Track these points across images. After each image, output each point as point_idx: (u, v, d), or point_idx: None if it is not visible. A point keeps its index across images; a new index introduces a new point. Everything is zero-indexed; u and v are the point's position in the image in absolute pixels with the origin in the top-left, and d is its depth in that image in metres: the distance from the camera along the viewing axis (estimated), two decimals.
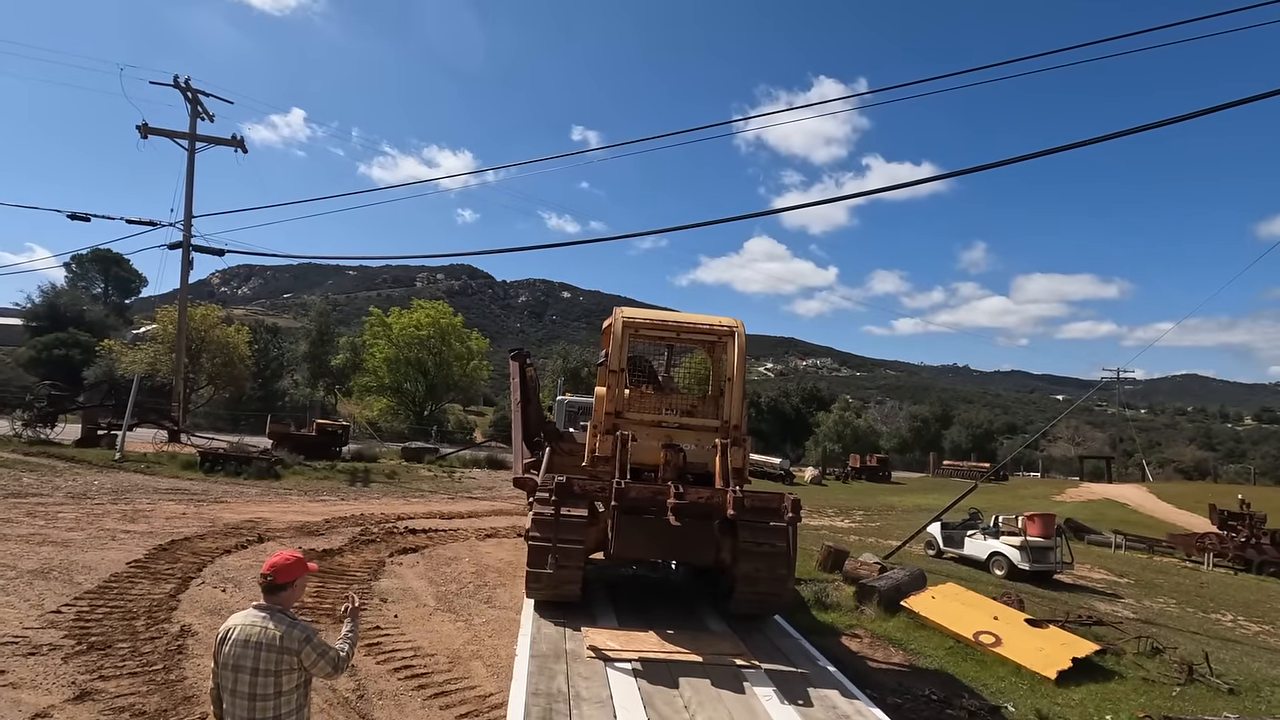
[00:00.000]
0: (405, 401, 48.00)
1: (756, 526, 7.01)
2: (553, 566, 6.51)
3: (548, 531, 6.64)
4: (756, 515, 6.96)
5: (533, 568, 6.76)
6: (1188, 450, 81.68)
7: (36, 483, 13.82)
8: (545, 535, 6.66)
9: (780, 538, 7.02)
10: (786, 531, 7.01)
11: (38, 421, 20.61)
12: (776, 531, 7.03)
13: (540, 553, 6.66)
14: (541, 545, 6.67)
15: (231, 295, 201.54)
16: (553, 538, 6.57)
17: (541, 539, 6.70)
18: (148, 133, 25.76)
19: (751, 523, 6.99)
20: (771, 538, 7.01)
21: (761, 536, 7.00)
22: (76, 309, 51.76)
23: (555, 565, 6.51)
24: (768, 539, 7.01)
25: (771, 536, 7.02)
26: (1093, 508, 33.10)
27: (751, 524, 6.99)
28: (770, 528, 7.04)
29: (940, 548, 16.85)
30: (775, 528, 7.03)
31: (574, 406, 20.40)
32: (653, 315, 8.47)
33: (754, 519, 6.98)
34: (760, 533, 7.01)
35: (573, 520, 6.85)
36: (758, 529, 7.02)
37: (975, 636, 8.96)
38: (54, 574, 7.67)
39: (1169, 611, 13.28)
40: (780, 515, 6.95)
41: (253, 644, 3.20)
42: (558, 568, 6.55)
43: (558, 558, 6.54)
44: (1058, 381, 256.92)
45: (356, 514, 13.75)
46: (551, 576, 6.65)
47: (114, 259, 64.17)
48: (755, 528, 7.01)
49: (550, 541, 6.57)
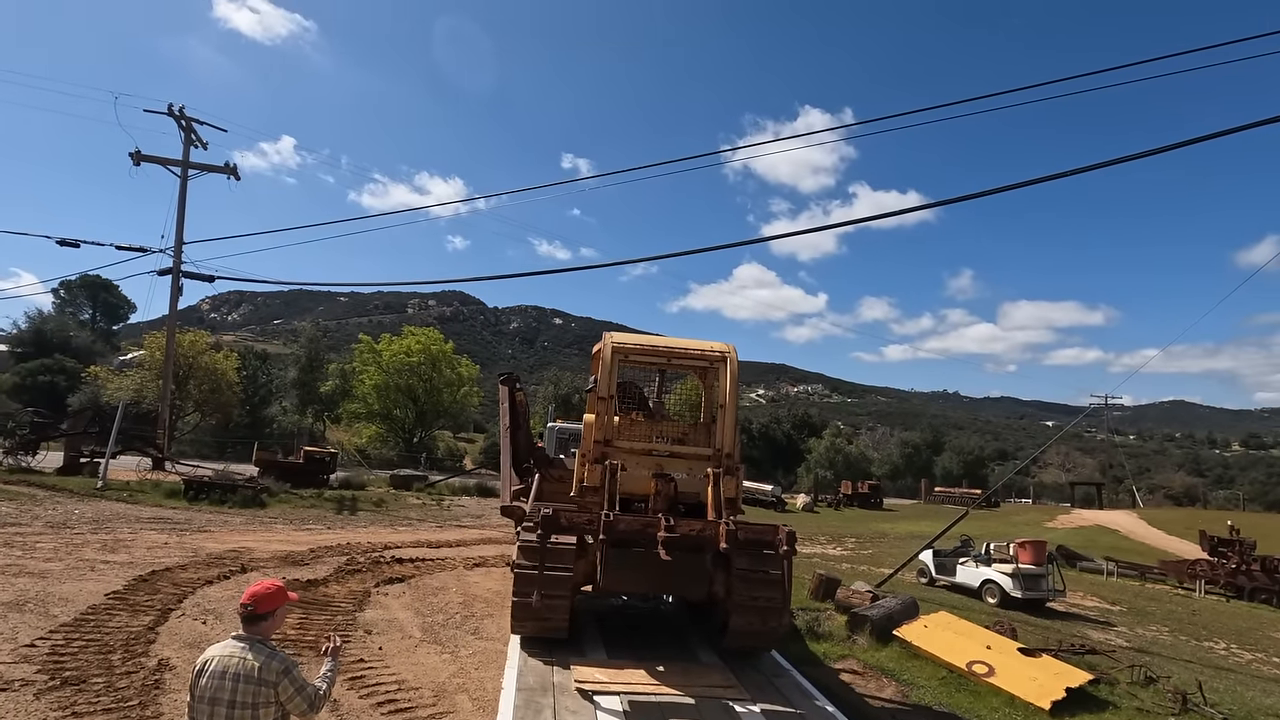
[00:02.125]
0: (395, 428, 47.71)
1: (750, 559, 6.85)
2: (538, 599, 6.33)
3: (534, 559, 6.46)
4: (750, 548, 6.77)
5: (518, 597, 6.57)
6: (1177, 476, 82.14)
7: (15, 512, 13.55)
8: (532, 563, 6.48)
9: (775, 570, 6.83)
10: (781, 564, 6.80)
11: (19, 449, 20.31)
12: (771, 564, 6.85)
13: (526, 582, 6.47)
14: (527, 574, 6.49)
15: (222, 321, 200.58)
16: (539, 566, 6.39)
17: (528, 567, 6.52)
18: (140, 160, 25.85)
19: (745, 555, 6.81)
20: (766, 565, 6.85)
21: (756, 569, 6.84)
22: (63, 335, 51.41)
23: (541, 596, 6.34)
24: (762, 572, 6.84)
25: (766, 564, 6.86)
26: (1084, 534, 33.08)
27: (745, 557, 6.82)
28: (765, 560, 6.87)
29: (933, 575, 16.75)
30: (770, 560, 6.86)
31: (565, 433, 20.33)
32: (643, 340, 8.40)
33: (748, 552, 6.79)
34: (754, 566, 6.85)
35: (560, 549, 6.67)
36: (752, 561, 6.85)
37: (968, 666, 8.87)
38: (29, 606, 7.48)
39: (1162, 640, 13.21)
40: (775, 547, 6.75)
41: (230, 675, 3.12)
42: (544, 599, 6.37)
43: (544, 588, 6.36)
44: (1047, 407, 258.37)
45: (343, 543, 13.55)
46: (537, 609, 6.46)
47: (103, 285, 64.07)
48: (749, 560, 6.84)
49: (537, 570, 6.39)
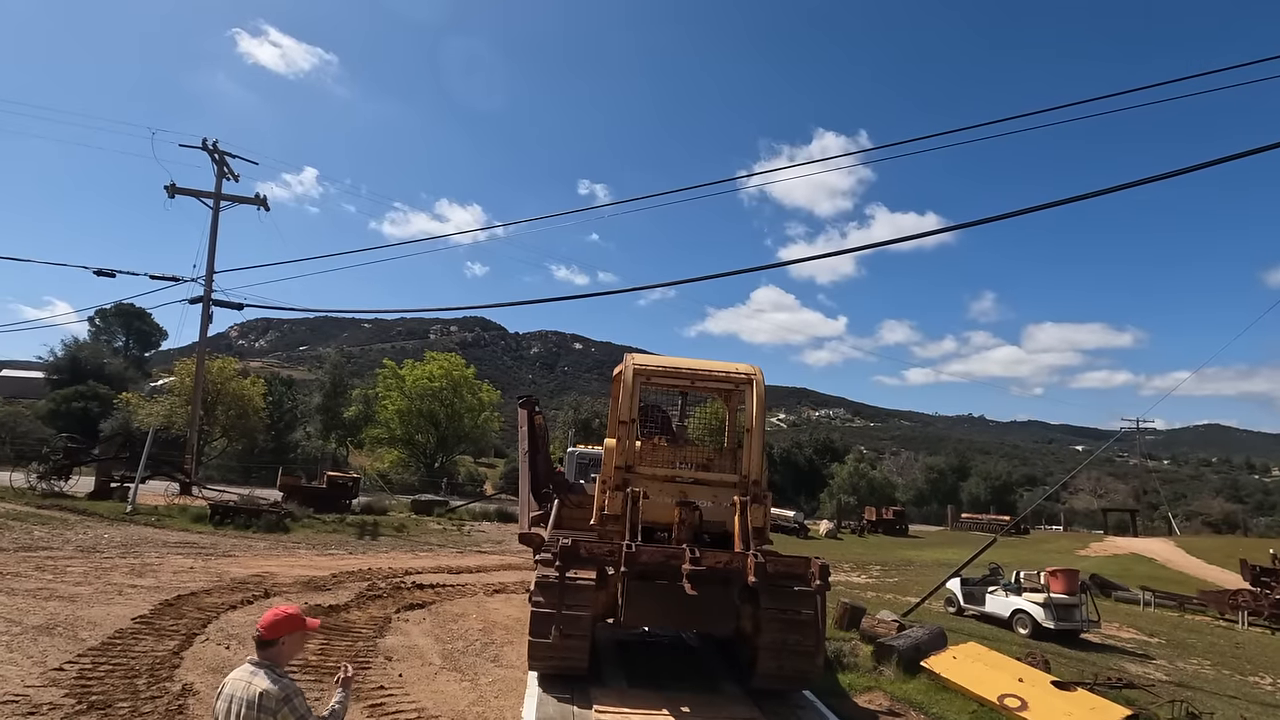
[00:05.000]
0: (416, 453, 48.03)
1: (781, 594, 6.48)
2: (556, 637, 6.07)
3: (552, 597, 6.19)
4: (781, 582, 6.43)
5: (535, 637, 6.25)
6: (1215, 502, 79.48)
7: (47, 536, 13.82)
8: (549, 601, 6.20)
9: (808, 604, 6.46)
10: (814, 599, 6.45)
11: (52, 474, 20.74)
12: (803, 602, 6.47)
13: (544, 620, 6.18)
14: (545, 613, 6.21)
15: (249, 348, 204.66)
16: (557, 604, 6.12)
17: (545, 605, 6.23)
18: (175, 192, 26.70)
19: (776, 590, 6.45)
20: (798, 604, 6.46)
21: (787, 605, 6.44)
22: (97, 362, 52.71)
23: (560, 635, 6.08)
24: (794, 608, 6.44)
25: (798, 603, 6.46)
26: (1118, 562, 32.09)
27: (776, 592, 6.45)
28: (796, 595, 6.49)
29: (960, 605, 16.34)
30: (802, 595, 6.48)
31: (584, 458, 20.33)
32: (666, 362, 8.13)
33: (778, 586, 6.44)
34: (785, 601, 6.46)
35: (579, 585, 6.34)
36: (783, 597, 6.47)
37: (1000, 700, 8.59)
38: (59, 630, 7.59)
39: (1204, 674, 12.71)
40: (807, 581, 6.41)
41: (237, 700, 3.19)
42: (562, 638, 6.10)
43: (562, 627, 6.09)
44: (1076, 432, 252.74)
45: (364, 568, 13.59)
46: (555, 647, 6.18)
47: (136, 313, 65.77)
48: (780, 596, 6.47)
49: (555, 609, 6.12)
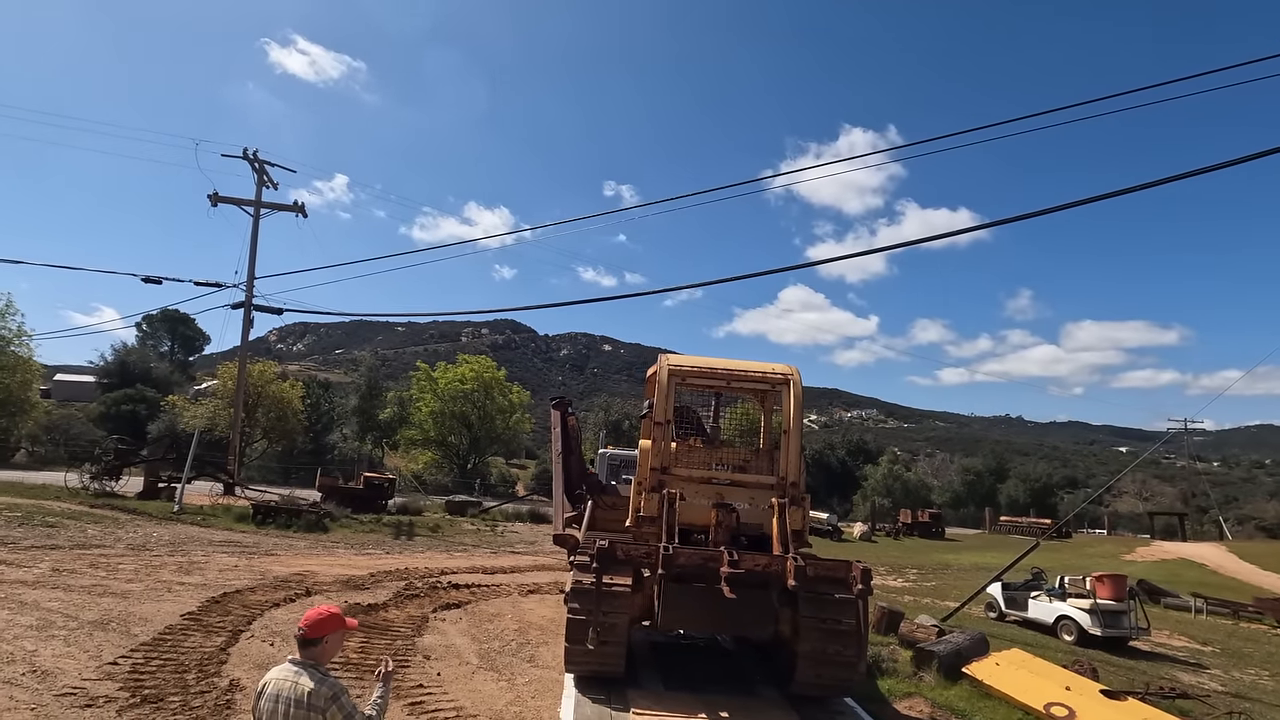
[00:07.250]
0: (450, 454, 48.68)
1: (822, 599, 6.34)
2: (594, 642, 6.03)
3: (588, 603, 6.15)
4: (822, 586, 6.31)
5: (571, 643, 6.22)
6: (1269, 506, 76.24)
7: (100, 534, 14.31)
8: (585, 607, 6.16)
9: (849, 612, 6.31)
10: (856, 605, 6.30)
11: (104, 474, 21.50)
12: (844, 605, 6.32)
13: (580, 627, 6.14)
14: (581, 620, 6.17)
15: (287, 351, 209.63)
16: (594, 610, 6.08)
17: (581, 611, 6.20)
18: (218, 201, 27.47)
19: (816, 595, 6.32)
20: (839, 612, 6.31)
21: (827, 611, 6.30)
22: (144, 366, 54.59)
23: (596, 641, 6.05)
24: (834, 614, 6.30)
25: (839, 611, 6.32)
26: (1167, 568, 31.00)
27: (816, 596, 6.32)
28: (837, 601, 6.34)
29: (1002, 610, 15.95)
30: (843, 601, 6.33)
31: (616, 460, 20.35)
32: (700, 362, 8.04)
33: (819, 590, 6.32)
34: (826, 607, 6.32)
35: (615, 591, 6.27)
36: (823, 602, 6.33)
37: (1046, 709, 8.35)
38: (113, 625, 7.85)
39: (1262, 685, 12.20)
40: (848, 586, 6.28)
41: (283, 699, 3.18)
42: (599, 644, 6.07)
43: (599, 632, 6.04)
44: (1119, 433, 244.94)
45: (401, 568, 13.80)
46: (592, 653, 6.15)
47: (181, 319, 67.95)
48: (820, 601, 6.33)
49: (591, 615, 6.08)
